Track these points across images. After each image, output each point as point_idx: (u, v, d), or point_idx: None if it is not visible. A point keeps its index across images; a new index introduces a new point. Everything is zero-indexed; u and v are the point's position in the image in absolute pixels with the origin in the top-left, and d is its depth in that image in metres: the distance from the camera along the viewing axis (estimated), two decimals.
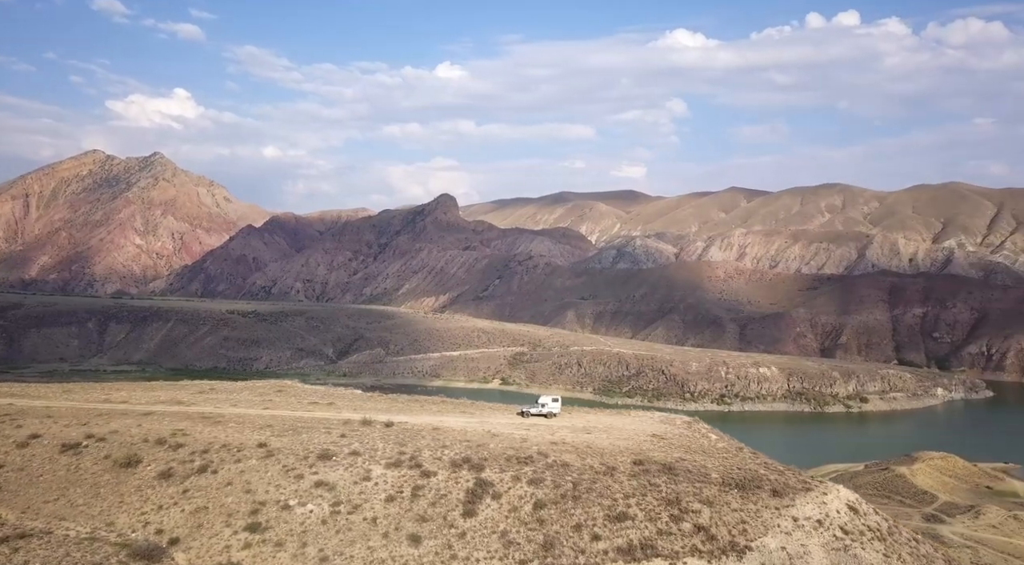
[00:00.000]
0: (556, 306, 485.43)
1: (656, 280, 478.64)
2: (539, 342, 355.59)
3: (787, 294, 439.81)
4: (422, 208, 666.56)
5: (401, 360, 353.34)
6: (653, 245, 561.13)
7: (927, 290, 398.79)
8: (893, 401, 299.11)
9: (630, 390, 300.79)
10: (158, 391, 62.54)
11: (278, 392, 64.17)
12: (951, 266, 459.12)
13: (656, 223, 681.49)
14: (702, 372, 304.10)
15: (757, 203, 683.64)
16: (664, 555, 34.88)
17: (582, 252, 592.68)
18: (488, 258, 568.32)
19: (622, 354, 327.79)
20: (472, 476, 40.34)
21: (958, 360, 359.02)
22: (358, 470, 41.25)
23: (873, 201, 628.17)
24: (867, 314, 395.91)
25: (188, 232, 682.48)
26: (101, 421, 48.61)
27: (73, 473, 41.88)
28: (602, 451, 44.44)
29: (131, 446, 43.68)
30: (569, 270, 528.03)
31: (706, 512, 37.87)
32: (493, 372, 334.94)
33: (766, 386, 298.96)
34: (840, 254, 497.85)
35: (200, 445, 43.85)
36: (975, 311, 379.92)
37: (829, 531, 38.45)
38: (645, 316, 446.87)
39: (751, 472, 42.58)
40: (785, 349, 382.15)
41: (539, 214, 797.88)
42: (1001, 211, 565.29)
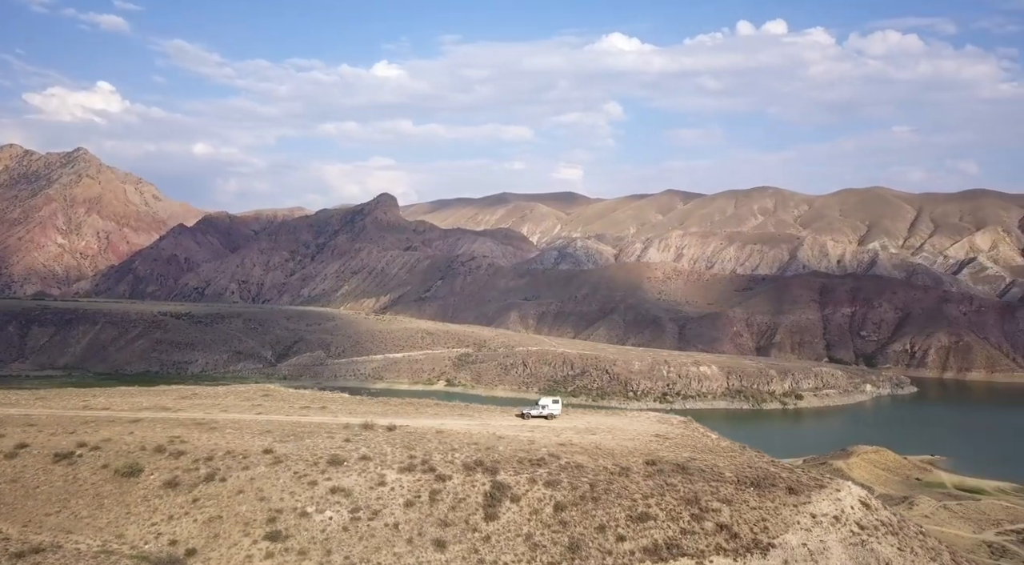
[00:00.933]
0: (499, 307, 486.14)
1: (597, 281, 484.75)
2: (484, 343, 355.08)
3: (723, 294, 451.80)
4: (361, 208, 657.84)
5: (343, 362, 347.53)
6: (594, 246, 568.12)
7: (855, 290, 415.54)
8: (826, 398, 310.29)
9: (575, 389, 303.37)
10: (138, 397, 59.89)
11: (264, 396, 62.38)
12: (876, 267, 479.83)
13: (596, 224, 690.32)
14: (645, 371, 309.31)
15: (693, 205, 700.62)
16: (690, 554, 35.37)
17: (524, 253, 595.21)
18: (430, 259, 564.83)
19: (567, 354, 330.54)
20: (488, 479, 40.06)
21: (884, 357, 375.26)
22: (372, 475, 40.47)
23: (803, 204, 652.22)
24: (800, 314, 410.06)
25: (115, 231, 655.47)
26: (89, 429, 46.30)
27: (72, 484, 39.78)
28: (612, 452, 44.77)
29: (129, 454, 41.73)
30: (512, 271, 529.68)
31: (726, 510, 38.56)
32: (438, 374, 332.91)
33: (706, 384, 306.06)
34: (773, 255, 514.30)
35: (203, 452, 42.25)
36: (899, 310, 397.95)
37: (846, 527, 39.65)
38: (587, 316, 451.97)
39: (763, 470, 43.57)
40: (722, 348, 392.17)
41: (480, 215, 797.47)
42: (920, 215, 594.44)
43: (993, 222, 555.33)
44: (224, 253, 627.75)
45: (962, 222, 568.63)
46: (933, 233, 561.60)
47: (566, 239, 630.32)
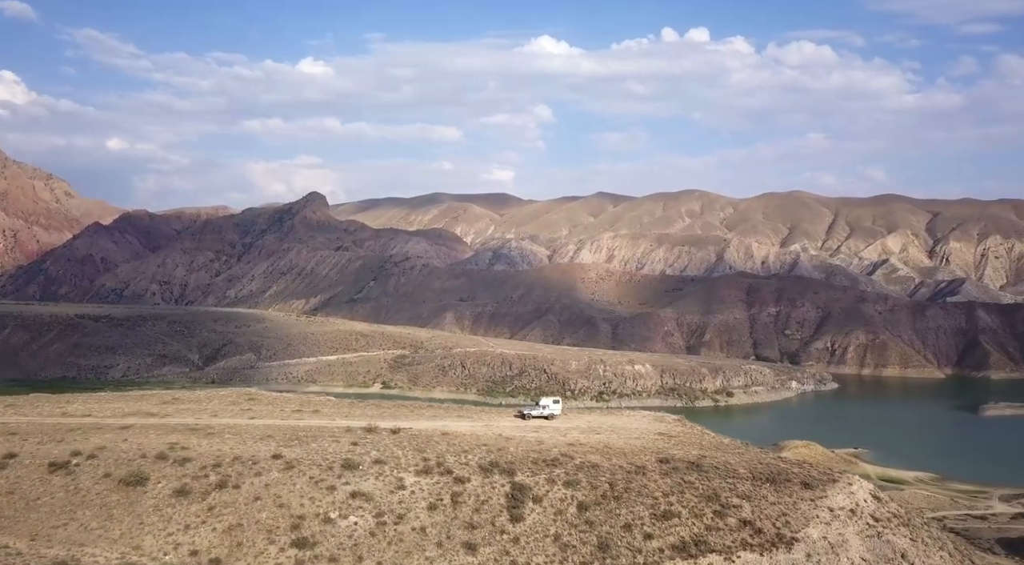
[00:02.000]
0: (435, 308, 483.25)
1: (532, 282, 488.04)
2: (421, 344, 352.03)
3: (654, 295, 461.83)
4: (290, 207, 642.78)
5: (274, 365, 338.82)
6: (528, 247, 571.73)
7: (779, 290, 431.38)
8: (755, 394, 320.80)
9: (513, 389, 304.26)
10: (117, 403, 56.82)
11: (250, 400, 60.27)
12: (797, 268, 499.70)
13: (529, 226, 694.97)
14: (581, 370, 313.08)
15: (623, 208, 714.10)
16: (718, 550, 36.01)
17: (458, 254, 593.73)
18: (362, 259, 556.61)
19: (505, 354, 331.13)
20: (506, 480, 39.86)
21: (807, 355, 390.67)
22: (390, 479, 39.67)
23: (728, 207, 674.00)
24: (728, 313, 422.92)
25: (23, 229, 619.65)
26: (78, 437, 43.68)
27: (75, 494, 37.47)
28: (623, 451, 45.19)
29: (130, 463, 39.58)
30: (447, 271, 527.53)
31: (747, 506, 39.45)
32: (373, 376, 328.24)
33: (641, 383, 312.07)
34: (701, 257, 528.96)
35: (209, 459, 40.45)
36: (820, 310, 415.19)
37: (862, 520, 41.09)
38: (523, 317, 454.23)
39: (774, 466, 44.81)
40: (654, 347, 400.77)
41: (412, 215, 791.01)
42: (837, 218, 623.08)
43: (903, 226, 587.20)
44: (144, 253, 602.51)
45: (875, 225, 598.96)
46: (849, 236, 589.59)
47: (501, 240, 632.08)
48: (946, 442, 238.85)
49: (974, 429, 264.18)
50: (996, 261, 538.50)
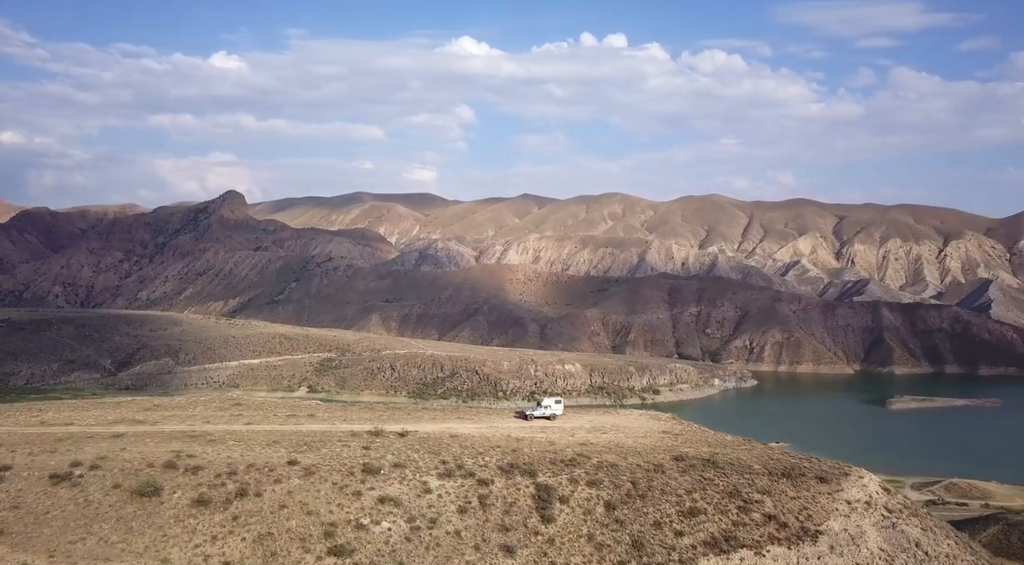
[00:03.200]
0: (360, 309, 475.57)
1: (460, 282, 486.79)
2: (348, 347, 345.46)
3: (581, 295, 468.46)
4: (205, 205, 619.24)
5: (194, 370, 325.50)
6: (455, 248, 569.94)
7: (700, 291, 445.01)
8: (680, 392, 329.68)
9: (445, 391, 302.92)
10: (94, 410, 53.11)
11: (237, 405, 57.61)
12: (716, 269, 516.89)
13: (454, 227, 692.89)
14: (513, 371, 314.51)
15: (547, 210, 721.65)
16: (748, 545, 36.70)
17: (383, 254, 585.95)
18: (283, 259, 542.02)
19: (436, 356, 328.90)
20: (529, 482, 39.58)
21: (727, 353, 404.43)
22: (414, 483, 38.70)
23: (649, 210, 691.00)
24: (651, 313, 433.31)
25: None
26: (71, 446, 40.67)
27: (86, 507, 34.83)
28: (635, 450, 45.58)
29: (138, 472, 37.09)
30: (372, 272, 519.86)
31: (768, 501, 40.37)
32: (299, 380, 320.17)
33: (571, 382, 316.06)
34: (624, 258, 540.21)
35: (221, 467, 38.39)
36: (739, 309, 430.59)
37: (877, 511, 42.66)
38: (451, 318, 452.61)
39: (785, 461, 46.10)
40: (581, 347, 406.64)
41: (334, 214, 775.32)
42: (752, 221, 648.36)
43: (813, 229, 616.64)
44: (45, 253, 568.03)
45: (787, 228, 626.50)
46: (763, 238, 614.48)
47: (427, 241, 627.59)
48: (859, 434, 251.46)
49: (883, 422, 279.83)
50: (896, 263, 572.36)
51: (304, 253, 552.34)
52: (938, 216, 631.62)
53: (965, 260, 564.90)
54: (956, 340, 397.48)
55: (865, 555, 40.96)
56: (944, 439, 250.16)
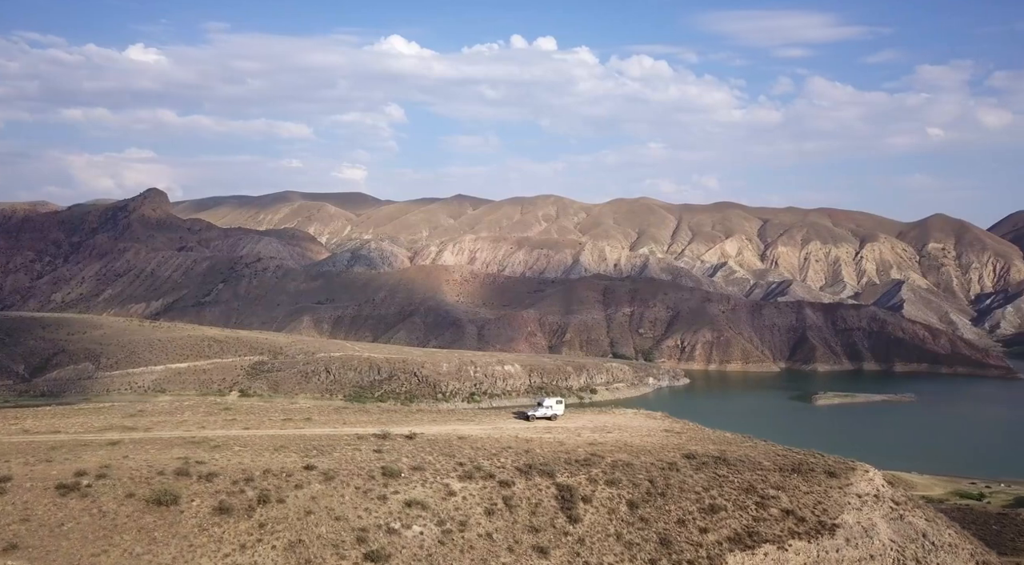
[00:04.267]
0: (291, 311, 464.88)
1: (395, 284, 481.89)
2: (280, 350, 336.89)
3: (517, 296, 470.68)
4: (125, 203, 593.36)
5: (116, 375, 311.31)
6: (388, 248, 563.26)
7: (633, 292, 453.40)
8: (616, 391, 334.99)
9: (383, 394, 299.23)
10: (74, 417, 49.60)
11: (226, 410, 54.94)
12: (647, 270, 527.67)
13: (387, 227, 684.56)
14: (452, 372, 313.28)
15: (482, 211, 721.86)
16: (770, 540, 37.31)
17: (314, 255, 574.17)
18: (209, 260, 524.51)
19: (373, 358, 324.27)
20: (549, 482, 39.26)
21: (659, 352, 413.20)
22: (436, 486, 37.80)
23: (581, 212, 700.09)
24: (586, 314, 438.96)
25: None
26: (67, 455, 37.98)
27: (102, 518, 32.54)
28: (645, 449, 45.81)
29: (149, 481, 34.88)
30: (303, 273, 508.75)
31: (784, 497, 41.14)
32: (230, 383, 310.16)
33: (511, 382, 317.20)
34: (559, 259, 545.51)
35: (236, 473, 36.53)
36: (670, 309, 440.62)
37: (885, 504, 44.00)
38: (386, 320, 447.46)
39: (792, 457, 47.12)
40: (519, 347, 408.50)
41: (262, 214, 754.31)
42: (680, 223, 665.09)
43: (738, 231, 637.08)
44: None
45: (714, 230, 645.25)
46: (692, 240, 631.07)
47: (359, 241, 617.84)
48: (789, 429, 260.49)
49: (810, 416, 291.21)
50: (816, 264, 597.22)
51: (232, 253, 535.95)
52: (854, 220, 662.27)
53: (879, 262, 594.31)
54: (873, 338, 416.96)
55: (878, 547, 42.53)
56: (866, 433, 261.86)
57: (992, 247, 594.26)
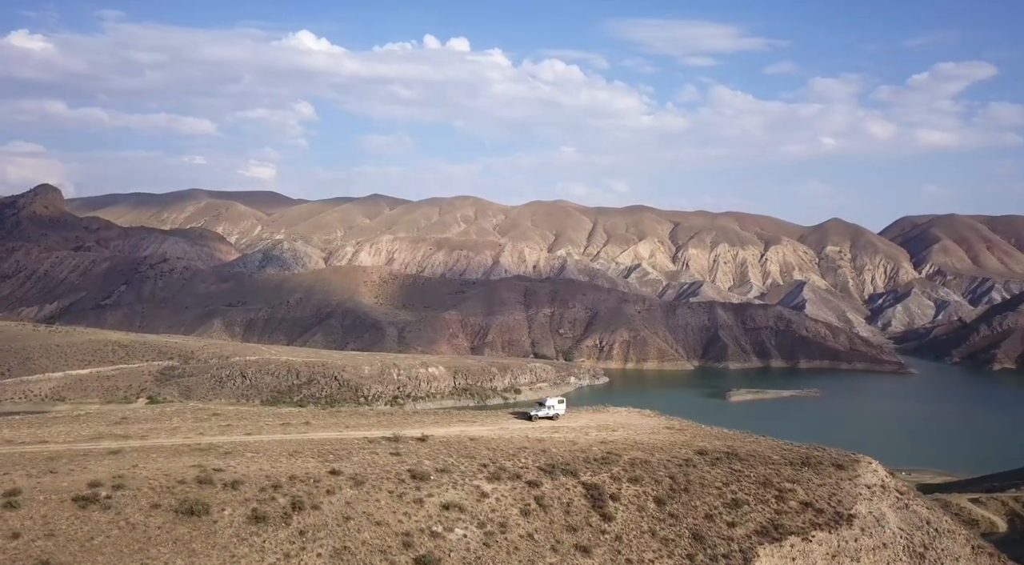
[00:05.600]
0: (200, 314, 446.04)
1: (311, 285, 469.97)
2: (191, 354, 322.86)
3: (438, 298, 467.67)
4: (13, 200, 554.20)
5: (8, 383, 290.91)
6: (302, 249, 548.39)
7: (553, 293, 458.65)
8: (540, 391, 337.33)
9: (302, 399, 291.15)
10: (58, 425, 45.01)
11: (216, 416, 51.34)
12: (565, 272, 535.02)
13: (300, 227, 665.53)
14: (375, 375, 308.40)
15: (399, 211, 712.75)
16: (795, 532, 38.04)
17: (223, 255, 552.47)
18: (110, 261, 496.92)
19: (291, 362, 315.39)
20: (575, 481, 38.86)
21: (579, 352, 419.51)
22: (468, 487, 36.66)
23: (500, 214, 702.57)
24: (508, 314, 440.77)
25: None
26: (72, 466, 34.87)
27: (132, 531, 29.86)
28: (655, 446, 45.96)
29: (171, 490, 32.20)
30: (212, 274, 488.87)
31: (800, 489, 42.04)
32: (137, 390, 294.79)
33: (435, 385, 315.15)
34: (479, 260, 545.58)
35: (261, 480, 34.25)
36: (589, 310, 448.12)
37: (891, 494, 45.47)
38: (302, 322, 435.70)
39: (797, 451, 48.13)
40: (441, 349, 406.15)
41: (165, 212, 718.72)
42: (596, 226, 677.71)
43: (651, 234, 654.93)
44: None
45: (628, 233, 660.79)
46: (607, 242, 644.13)
47: (271, 241, 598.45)
48: (707, 425, 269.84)
49: (726, 412, 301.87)
50: (725, 266, 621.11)
51: (134, 254, 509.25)
52: (759, 223, 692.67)
53: (782, 264, 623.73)
54: (780, 337, 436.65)
55: (889, 535, 44.29)
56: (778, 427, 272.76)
57: (883, 250, 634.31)
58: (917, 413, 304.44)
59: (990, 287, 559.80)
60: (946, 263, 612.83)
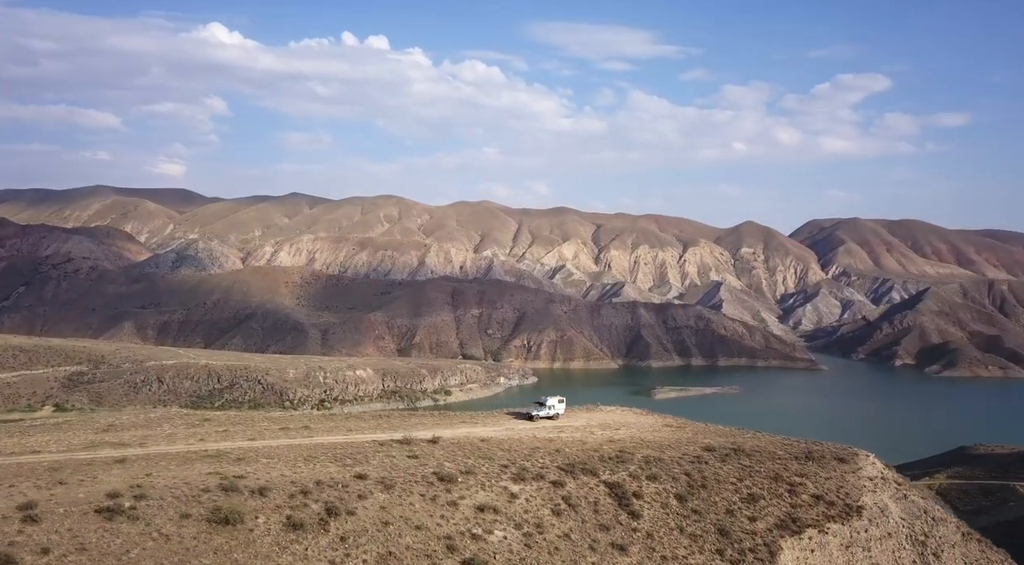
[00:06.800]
0: (109, 316, 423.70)
1: (229, 286, 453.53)
2: (102, 359, 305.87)
3: (363, 299, 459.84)
4: None
5: None
6: (219, 249, 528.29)
7: (480, 293, 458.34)
8: (470, 392, 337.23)
9: (224, 403, 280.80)
10: (43, 434, 40.93)
11: (207, 421, 47.74)
12: (492, 272, 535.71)
13: (216, 226, 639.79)
14: (300, 379, 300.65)
15: (320, 210, 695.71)
16: (811, 524, 38.74)
17: (133, 255, 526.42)
18: (7, 260, 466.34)
19: (212, 366, 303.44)
20: (596, 481, 38.46)
21: (507, 352, 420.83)
22: (496, 489, 35.63)
23: (425, 214, 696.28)
24: (435, 316, 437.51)
25: None
26: (80, 476, 32.22)
27: (167, 542, 27.61)
28: (663, 444, 45.96)
29: (197, 499, 29.95)
30: (122, 275, 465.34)
31: (809, 483, 42.78)
32: (42, 397, 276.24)
33: (363, 387, 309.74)
34: (404, 261, 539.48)
35: (288, 487, 32.23)
36: (517, 310, 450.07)
37: (891, 485, 46.82)
38: (220, 325, 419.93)
39: (798, 446, 48.93)
40: (367, 351, 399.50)
41: (68, 210, 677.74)
42: (521, 227, 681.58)
43: (574, 235, 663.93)
44: None
45: (552, 234, 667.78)
46: (532, 243, 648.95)
47: (184, 241, 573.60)
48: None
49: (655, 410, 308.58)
50: (645, 267, 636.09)
51: (34, 253, 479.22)
52: (677, 226, 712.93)
53: (700, 265, 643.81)
54: (699, 336, 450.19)
55: (893, 525, 45.84)
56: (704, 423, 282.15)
57: (794, 252, 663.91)
58: (831, 408, 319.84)
59: (890, 287, 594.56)
60: (850, 264, 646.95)
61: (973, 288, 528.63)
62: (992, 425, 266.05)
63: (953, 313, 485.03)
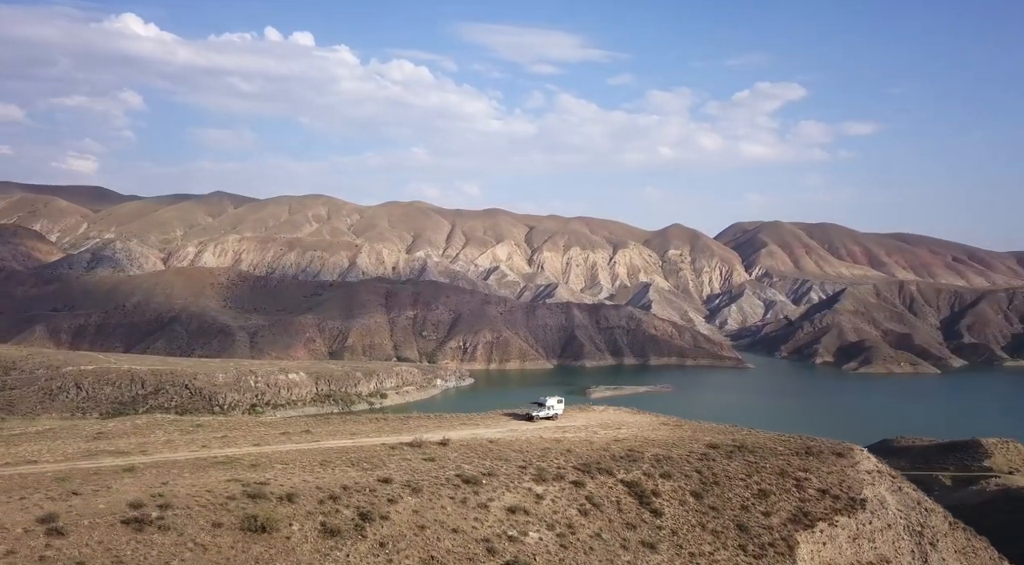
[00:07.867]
0: (19, 320, 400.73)
1: (150, 287, 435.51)
2: (13, 364, 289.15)
3: (293, 300, 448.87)
4: None
5: None
6: (138, 249, 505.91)
7: (415, 295, 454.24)
8: (407, 394, 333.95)
9: (149, 409, 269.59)
10: (31, 443, 37.35)
11: (199, 427, 44.53)
12: (426, 274, 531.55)
13: (133, 225, 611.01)
14: (230, 383, 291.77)
15: (245, 209, 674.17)
16: (821, 518, 39.28)
17: (43, 255, 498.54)
18: None
19: (135, 371, 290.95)
20: (614, 480, 38.04)
21: (443, 354, 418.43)
22: (521, 490, 34.75)
23: (355, 214, 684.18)
24: (368, 318, 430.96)
25: None
26: (93, 486, 30.47)
27: (206, 553, 26.04)
28: (668, 442, 45.90)
29: (225, 507, 28.31)
30: (32, 276, 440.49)
31: (814, 478, 43.29)
32: None
33: (296, 392, 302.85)
34: (334, 262, 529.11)
35: (314, 492, 30.71)
36: (452, 312, 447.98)
37: (886, 478, 47.76)
38: (141, 328, 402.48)
39: (796, 442, 49.53)
40: (297, 354, 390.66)
41: None
42: (454, 228, 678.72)
43: (508, 237, 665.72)
44: None
45: (486, 236, 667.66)
46: (465, 244, 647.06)
47: (100, 240, 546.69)
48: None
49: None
50: (577, 268, 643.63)
51: None
52: (608, 228, 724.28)
53: (629, 266, 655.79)
54: (631, 335, 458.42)
55: (891, 516, 47.10)
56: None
57: (719, 254, 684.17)
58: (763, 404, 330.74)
59: (809, 288, 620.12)
60: (772, 266, 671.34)
61: (885, 288, 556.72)
62: (907, 418, 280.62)
63: (868, 313, 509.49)
